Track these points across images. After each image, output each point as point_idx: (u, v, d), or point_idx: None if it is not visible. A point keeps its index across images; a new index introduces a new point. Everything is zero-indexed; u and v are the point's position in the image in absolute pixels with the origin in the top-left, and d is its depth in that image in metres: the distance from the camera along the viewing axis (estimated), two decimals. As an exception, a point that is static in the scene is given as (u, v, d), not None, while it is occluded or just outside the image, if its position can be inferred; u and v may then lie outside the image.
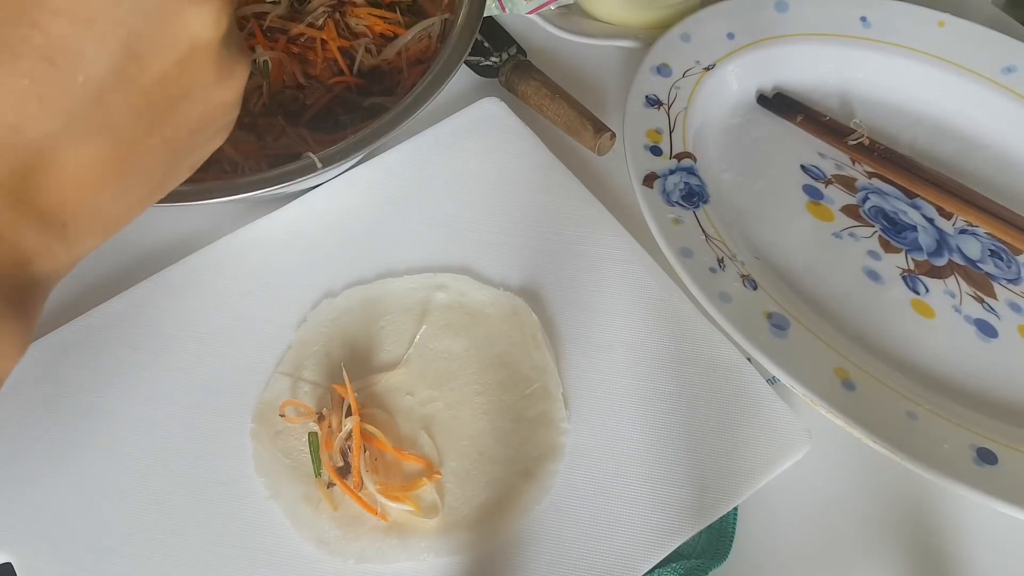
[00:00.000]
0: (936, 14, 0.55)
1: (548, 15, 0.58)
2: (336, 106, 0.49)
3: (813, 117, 0.52)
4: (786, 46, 0.54)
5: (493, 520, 0.36)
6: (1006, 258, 0.48)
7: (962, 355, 0.43)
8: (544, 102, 0.51)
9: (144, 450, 0.38)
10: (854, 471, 0.40)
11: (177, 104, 0.20)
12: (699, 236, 0.43)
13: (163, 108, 0.20)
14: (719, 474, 0.37)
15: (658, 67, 0.50)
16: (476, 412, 0.39)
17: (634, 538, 0.36)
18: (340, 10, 0.51)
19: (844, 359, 0.40)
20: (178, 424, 0.39)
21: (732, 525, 0.37)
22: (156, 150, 0.21)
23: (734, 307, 0.40)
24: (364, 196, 0.47)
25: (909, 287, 0.45)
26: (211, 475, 0.37)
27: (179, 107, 0.20)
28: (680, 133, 0.48)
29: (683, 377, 0.40)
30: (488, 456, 0.38)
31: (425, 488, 0.37)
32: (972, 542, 0.38)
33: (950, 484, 0.35)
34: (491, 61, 0.54)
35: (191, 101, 0.21)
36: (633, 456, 0.38)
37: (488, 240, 0.45)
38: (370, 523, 0.36)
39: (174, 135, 0.21)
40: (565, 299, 0.43)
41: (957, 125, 0.53)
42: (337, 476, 0.36)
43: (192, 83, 0.20)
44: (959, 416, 0.39)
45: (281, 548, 0.36)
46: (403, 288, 0.43)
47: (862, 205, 0.49)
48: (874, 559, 0.38)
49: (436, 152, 0.48)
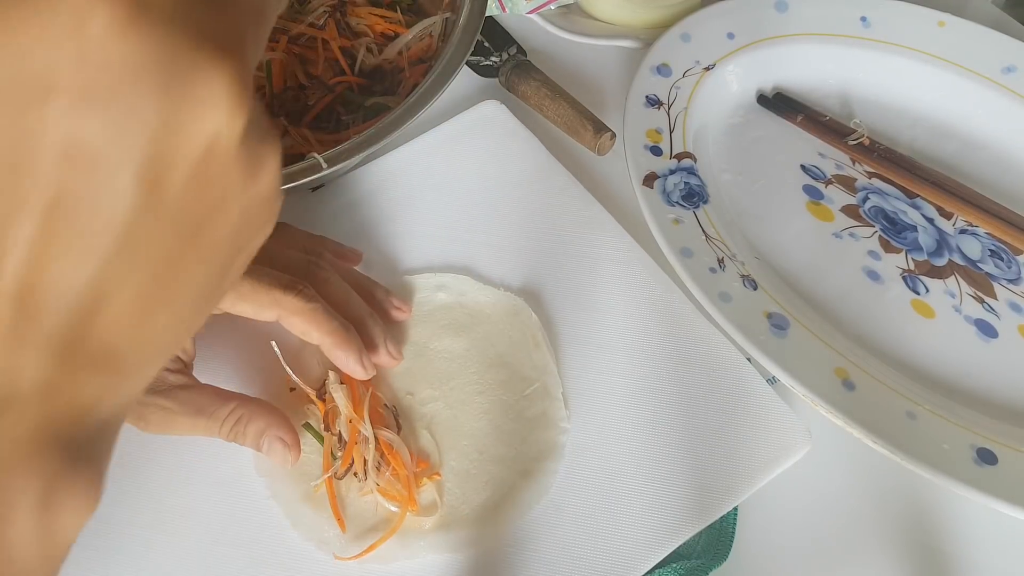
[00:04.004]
0: (936, 14, 0.55)
1: (548, 15, 0.58)
2: (338, 106, 0.49)
3: (813, 117, 0.52)
4: (786, 46, 0.54)
5: (493, 519, 0.36)
6: (1006, 258, 0.48)
7: (962, 355, 0.43)
8: (544, 102, 0.51)
9: (143, 451, 0.38)
10: (854, 471, 0.40)
11: (208, 217, 0.19)
12: (699, 236, 0.43)
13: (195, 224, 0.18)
14: (719, 474, 0.37)
15: (658, 67, 0.50)
16: (476, 412, 0.39)
17: (634, 538, 0.36)
18: (341, 10, 0.51)
19: (844, 359, 0.40)
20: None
21: (732, 525, 0.37)
22: (199, 266, 0.19)
23: (734, 307, 0.40)
24: (364, 197, 0.47)
25: (909, 287, 0.45)
26: (211, 475, 0.37)
27: (212, 219, 0.19)
28: (680, 133, 0.48)
29: (683, 377, 0.40)
30: (488, 455, 0.38)
31: (425, 487, 0.37)
32: (972, 542, 0.38)
33: (950, 484, 0.35)
34: (491, 61, 0.54)
35: (223, 210, 0.19)
36: (633, 456, 0.38)
37: (488, 241, 0.45)
38: (370, 522, 0.36)
39: (215, 245, 0.19)
40: (565, 299, 0.43)
41: (957, 125, 0.54)
42: (343, 462, 0.36)
43: (220, 190, 0.18)
44: (959, 416, 0.39)
45: (281, 548, 0.36)
46: (404, 288, 0.43)
47: (862, 205, 0.49)
48: (874, 559, 0.38)
49: (437, 154, 0.48)
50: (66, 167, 0.16)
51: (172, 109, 0.16)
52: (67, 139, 0.16)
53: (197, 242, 0.19)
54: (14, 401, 0.18)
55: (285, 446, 0.36)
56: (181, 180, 0.17)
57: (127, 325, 0.19)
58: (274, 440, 0.36)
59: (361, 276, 0.41)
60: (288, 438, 0.36)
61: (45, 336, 0.18)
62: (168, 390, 0.35)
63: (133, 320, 0.19)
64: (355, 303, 0.39)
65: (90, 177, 0.16)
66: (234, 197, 0.19)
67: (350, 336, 0.37)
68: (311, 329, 0.36)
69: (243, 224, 0.20)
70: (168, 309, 0.19)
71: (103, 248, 0.17)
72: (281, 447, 0.36)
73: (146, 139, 0.16)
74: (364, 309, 0.39)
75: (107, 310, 0.18)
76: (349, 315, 0.37)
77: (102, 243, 0.17)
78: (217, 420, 0.35)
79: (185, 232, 0.18)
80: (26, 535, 0.18)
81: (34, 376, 0.18)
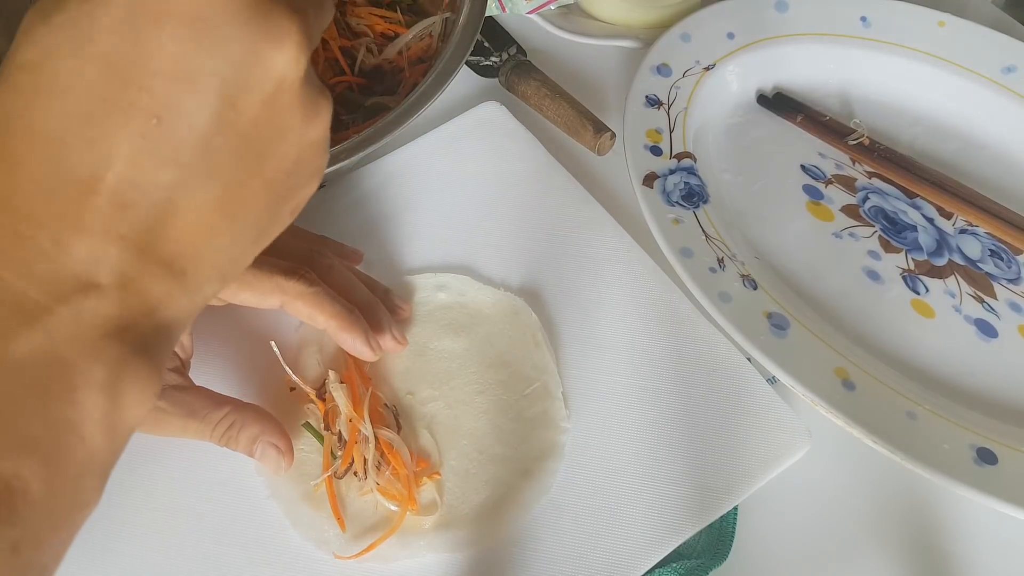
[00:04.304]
0: (936, 14, 0.55)
1: (548, 15, 0.58)
2: (338, 106, 0.49)
3: (813, 117, 0.52)
4: (786, 46, 0.54)
5: (493, 518, 0.36)
6: (1006, 258, 0.48)
7: (962, 355, 0.43)
8: (544, 102, 0.51)
9: (143, 450, 0.38)
10: (854, 471, 0.40)
11: (273, 145, 0.21)
12: (699, 236, 0.43)
13: (261, 150, 0.21)
14: (719, 473, 0.37)
15: (658, 67, 0.50)
16: (476, 411, 0.39)
17: (634, 537, 0.36)
18: (340, 9, 0.51)
19: (844, 359, 0.40)
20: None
21: (732, 525, 0.37)
22: (260, 193, 0.22)
23: (734, 307, 0.40)
24: (365, 197, 0.47)
25: (909, 287, 0.45)
26: (211, 475, 0.37)
27: (275, 148, 0.22)
28: (680, 133, 0.48)
29: (683, 377, 0.40)
30: (488, 455, 0.38)
31: (424, 486, 0.37)
32: (972, 542, 0.38)
33: (950, 484, 0.35)
34: (491, 61, 0.54)
35: (285, 142, 0.22)
36: (633, 455, 0.38)
37: (488, 240, 0.45)
38: (369, 521, 0.36)
39: (274, 177, 0.22)
40: (565, 299, 0.43)
41: (957, 125, 0.54)
42: (343, 463, 0.36)
43: (283, 123, 0.21)
44: (959, 416, 0.39)
45: (281, 547, 0.36)
46: (404, 288, 0.43)
47: (862, 205, 0.49)
48: (874, 559, 0.38)
49: (437, 154, 0.48)
50: (169, 81, 0.19)
51: (255, 45, 0.20)
52: (174, 57, 0.19)
53: (261, 167, 0.21)
54: (95, 288, 0.20)
55: (279, 452, 0.36)
56: (255, 105, 0.20)
57: (195, 234, 0.21)
58: (268, 446, 0.36)
59: (362, 275, 0.41)
60: (282, 444, 0.36)
61: (130, 231, 0.20)
62: (162, 389, 0.35)
63: (201, 230, 0.21)
64: (359, 289, 0.39)
65: (186, 90, 0.19)
66: (294, 133, 0.22)
67: (355, 318, 0.37)
68: (315, 313, 0.36)
69: (299, 163, 0.23)
70: (232, 226, 0.22)
71: (187, 155, 0.20)
72: (275, 453, 0.36)
73: (233, 65, 0.20)
74: (368, 295, 0.39)
75: (181, 216, 0.20)
76: (353, 300, 0.38)
77: (186, 150, 0.20)
78: (209, 424, 0.35)
79: (252, 153, 0.21)
80: (95, 413, 0.20)
81: (115, 267, 0.20)
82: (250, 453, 0.36)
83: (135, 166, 0.19)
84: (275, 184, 0.22)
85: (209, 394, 0.36)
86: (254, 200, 0.22)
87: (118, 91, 0.19)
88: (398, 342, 0.39)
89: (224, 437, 0.35)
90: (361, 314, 0.37)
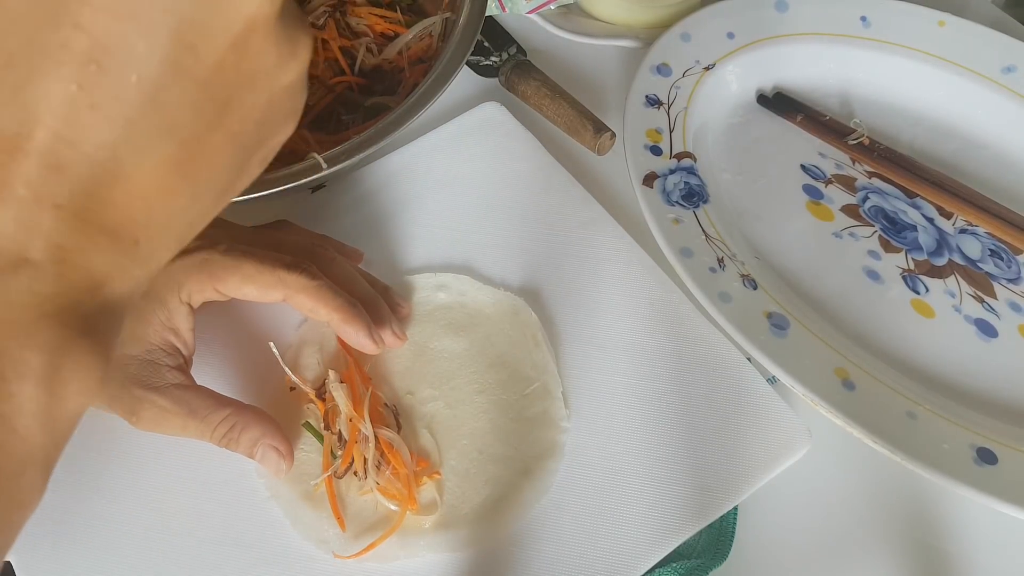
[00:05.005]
0: (936, 14, 0.55)
1: (548, 15, 0.58)
2: (338, 106, 0.49)
3: (813, 117, 0.52)
4: (786, 46, 0.54)
5: (493, 518, 0.36)
6: (1006, 258, 0.48)
7: (962, 355, 0.43)
8: (544, 102, 0.51)
9: (143, 450, 0.38)
10: (854, 471, 0.40)
11: (239, 94, 0.19)
12: (699, 236, 0.43)
13: (225, 100, 0.18)
14: (719, 473, 0.37)
15: (658, 67, 0.50)
16: (476, 411, 0.39)
17: (634, 537, 0.36)
18: (341, 9, 0.51)
19: (844, 359, 0.40)
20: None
21: (732, 525, 0.37)
22: (223, 148, 0.19)
23: (734, 307, 0.40)
24: (365, 197, 0.47)
25: (909, 287, 0.45)
26: (211, 475, 0.37)
27: (242, 97, 0.19)
28: (680, 133, 0.48)
29: (683, 376, 0.40)
30: (488, 454, 0.38)
31: (424, 486, 0.37)
32: (972, 542, 0.38)
33: (950, 484, 0.35)
34: (491, 61, 0.54)
35: (254, 89, 0.19)
36: (633, 455, 0.38)
37: (489, 241, 0.45)
38: (369, 521, 0.36)
39: (240, 128, 0.19)
40: (565, 299, 0.43)
41: (957, 125, 0.54)
42: (343, 462, 0.36)
43: (253, 68, 0.18)
44: (959, 416, 0.39)
45: (281, 548, 0.36)
46: (404, 288, 0.43)
47: (862, 205, 0.49)
48: (874, 558, 0.38)
49: (437, 154, 0.48)
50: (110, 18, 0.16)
51: None
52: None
53: (225, 119, 0.19)
54: (26, 264, 0.17)
55: (279, 455, 0.36)
56: (219, 49, 0.17)
57: (147, 198, 0.18)
58: (268, 449, 0.36)
59: (362, 272, 0.41)
60: (282, 447, 0.36)
61: (66, 197, 0.17)
62: (164, 387, 0.35)
63: (153, 194, 0.18)
64: (360, 283, 0.39)
65: (133, 29, 0.16)
66: (266, 77, 0.19)
67: (357, 311, 0.37)
68: (318, 306, 0.35)
69: (269, 111, 0.20)
70: (190, 187, 0.19)
71: (134, 107, 0.17)
72: (275, 456, 0.36)
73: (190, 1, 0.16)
74: (369, 289, 0.39)
75: (129, 179, 0.18)
76: (354, 294, 0.38)
77: (133, 102, 0.17)
78: (210, 424, 0.35)
79: (215, 105, 0.18)
80: (31, 405, 0.17)
81: (49, 239, 0.17)
82: (251, 455, 0.36)
83: (70, 122, 0.17)
84: (241, 136, 0.19)
85: (211, 394, 0.36)
86: (216, 156, 0.19)
87: (47, 29, 0.16)
88: (398, 337, 0.39)
89: (225, 438, 0.35)
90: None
